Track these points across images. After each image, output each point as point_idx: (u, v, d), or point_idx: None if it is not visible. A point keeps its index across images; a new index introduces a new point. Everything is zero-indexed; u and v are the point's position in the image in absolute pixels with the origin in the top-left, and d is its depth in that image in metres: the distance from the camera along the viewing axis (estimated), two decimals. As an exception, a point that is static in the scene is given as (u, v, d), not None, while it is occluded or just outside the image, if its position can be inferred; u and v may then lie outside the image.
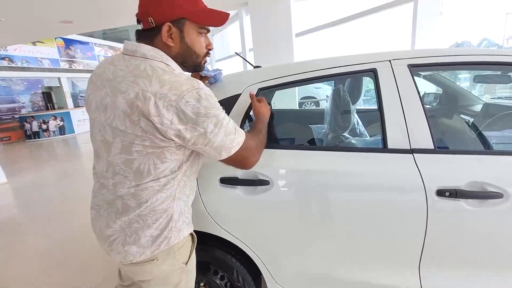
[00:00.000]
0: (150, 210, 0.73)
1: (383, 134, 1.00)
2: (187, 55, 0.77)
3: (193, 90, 0.66)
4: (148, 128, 0.66)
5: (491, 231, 0.94)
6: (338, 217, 1.02)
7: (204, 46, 0.80)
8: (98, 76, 0.74)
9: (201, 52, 0.80)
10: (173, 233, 0.77)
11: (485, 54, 1.03)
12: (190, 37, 0.75)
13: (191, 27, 0.75)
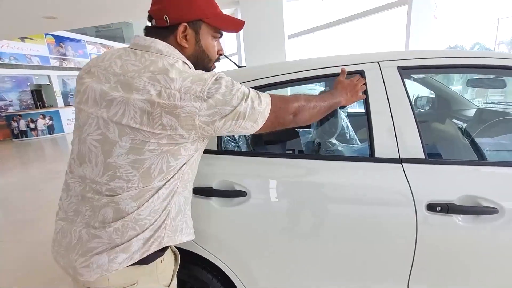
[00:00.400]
0: (150, 211, 0.66)
1: (370, 142, 0.92)
2: (200, 58, 0.75)
3: (214, 77, 0.65)
4: (171, 124, 0.62)
5: (485, 249, 0.87)
6: (321, 232, 0.94)
7: (216, 51, 0.78)
8: (102, 69, 0.67)
9: (213, 57, 0.78)
10: (166, 232, 0.69)
11: (480, 57, 0.96)
12: (205, 40, 0.74)
13: (207, 30, 0.73)
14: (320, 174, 0.93)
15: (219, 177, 0.96)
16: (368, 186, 0.89)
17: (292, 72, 1.01)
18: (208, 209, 0.96)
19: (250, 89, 0.70)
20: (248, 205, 0.93)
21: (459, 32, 15.93)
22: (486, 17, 21.26)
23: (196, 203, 0.96)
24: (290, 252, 0.97)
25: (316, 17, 8.32)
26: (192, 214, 0.97)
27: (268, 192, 0.95)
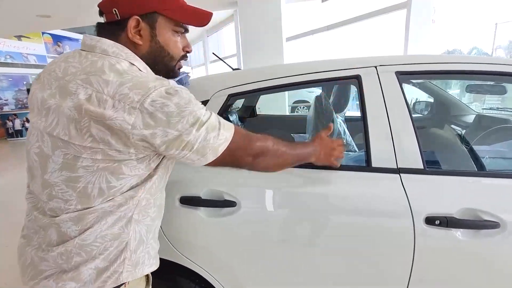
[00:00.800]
0: (96, 237, 0.58)
1: (367, 151, 0.88)
2: (159, 56, 0.65)
3: (162, 88, 0.54)
4: (101, 136, 0.52)
5: (487, 265, 0.82)
6: (314, 244, 0.89)
7: (180, 47, 0.68)
8: (47, 74, 0.60)
9: (176, 54, 0.67)
10: (125, 267, 0.61)
11: (480, 63, 0.92)
12: (164, 35, 0.64)
13: (165, 24, 0.63)
14: (314, 184, 0.88)
15: (208, 185, 0.91)
16: (364, 197, 0.84)
17: (287, 76, 0.97)
18: (196, 219, 0.91)
19: (213, 116, 0.60)
20: (238, 216, 0.89)
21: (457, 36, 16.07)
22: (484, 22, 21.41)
23: (183, 213, 0.92)
24: (282, 265, 0.92)
25: (315, 20, 8.33)
26: (179, 224, 0.93)
27: (259, 202, 0.90)
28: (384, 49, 9.97)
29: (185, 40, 0.69)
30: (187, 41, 0.70)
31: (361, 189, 0.85)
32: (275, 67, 1.04)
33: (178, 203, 0.91)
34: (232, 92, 0.98)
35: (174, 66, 0.69)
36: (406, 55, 0.99)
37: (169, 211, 0.92)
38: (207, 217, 0.90)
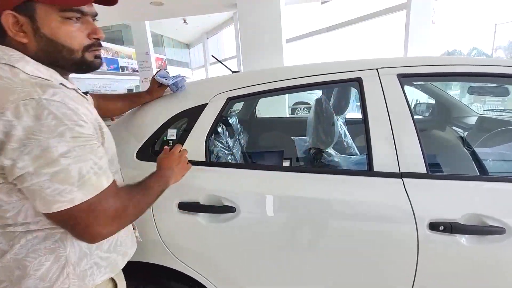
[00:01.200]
0: (27, 251, 0.54)
1: (368, 155, 0.86)
2: (52, 52, 0.55)
3: (25, 101, 0.46)
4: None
5: (492, 272, 0.81)
6: (315, 250, 0.88)
7: (80, 35, 0.57)
8: None
9: (75, 45, 0.56)
10: (71, 281, 0.57)
11: (482, 65, 0.90)
12: (50, 25, 0.53)
13: (47, 12, 0.52)
14: (315, 189, 0.86)
15: (207, 191, 0.89)
16: (366, 202, 0.83)
17: (287, 79, 0.96)
18: (195, 225, 0.89)
19: (84, 163, 0.50)
20: (237, 222, 0.87)
21: (457, 37, 16.02)
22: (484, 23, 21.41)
23: (182, 219, 0.90)
24: (281, 271, 0.91)
25: (314, 21, 8.34)
26: (178, 230, 0.91)
27: (259, 208, 0.88)
28: (384, 51, 9.98)
29: (89, 25, 0.58)
30: (93, 26, 0.59)
31: (362, 194, 0.83)
32: (275, 69, 1.02)
33: (177, 209, 0.90)
34: (231, 95, 0.97)
35: (82, 58, 0.58)
36: (408, 57, 0.97)
37: (167, 216, 0.91)
38: (206, 222, 0.89)
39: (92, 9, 0.59)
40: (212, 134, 0.98)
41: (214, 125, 0.97)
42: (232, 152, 1.40)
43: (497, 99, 2.68)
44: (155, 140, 0.99)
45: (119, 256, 0.67)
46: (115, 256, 0.66)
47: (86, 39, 0.58)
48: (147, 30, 7.40)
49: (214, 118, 0.96)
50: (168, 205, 0.90)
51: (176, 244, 0.92)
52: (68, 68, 0.59)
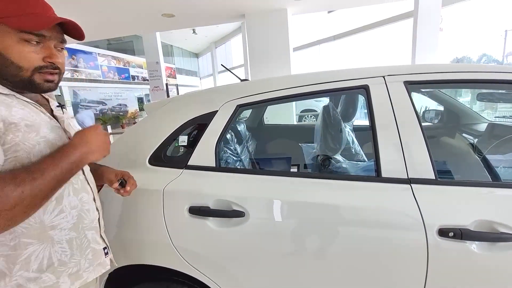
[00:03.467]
0: None
1: (376, 161, 0.87)
2: (0, 64, 0.58)
3: None
4: None
5: (504, 279, 0.79)
6: (324, 255, 0.88)
7: (34, 57, 0.59)
8: None
9: (25, 64, 0.59)
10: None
11: (490, 71, 0.91)
12: (2, 42, 0.57)
13: (4, 30, 0.57)
14: (324, 195, 0.87)
15: (217, 196, 0.92)
16: (374, 208, 0.83)
17: (295, 86, 0.98)
18: (205, 230, 0.91)
19: None
20: (247, 226, 0.89)
21: (466, 44, 15.85)
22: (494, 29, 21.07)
23: (193, 224, 0.92)
24: (289, 276, 0.91)
25: (321, 30, 8.43)
26: (188, 234, 0.93)
27: (268, 213, 0.90)
28: (391, 59, 9.96)
29: (47, 50, 0.61)
30: (51, 51, 0.61)
31: (371, 200, 0.84)
32: (283, 78, 1.05)
33: (187, 213, 0.92)
34: (241, 102, 1.00)
35: (30, 78, 0.60)
36: (415, 65, 0.99)
37: (178, 220, 0.94)
38: (216, 227, 0.91)
39: (57, 35, 0.62)
40: (221, 140, 1.01)
41: (224, 132, 1.00)
42: (241, 159, 1.43)
43: (509, 105, 2.63)
44: (167, 146, 1.03)
45: (62, 278, 0.61)
46: (53, 278, 0.60)
47: (39, 61, 0.60)
48: (158, 41, 7.63)
49: (224, 125, 0.99)
50: (179, 210, 0.92)
51: (187, 248, 0.94)
52: (15, 85, 0.60)
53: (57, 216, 0.62)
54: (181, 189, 0.95)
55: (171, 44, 14.51)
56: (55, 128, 0.65)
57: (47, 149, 0.59)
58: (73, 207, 0.65)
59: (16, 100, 0.59)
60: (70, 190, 0.65)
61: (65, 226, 0.63)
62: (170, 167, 1.00)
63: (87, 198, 0.70)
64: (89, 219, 0.70)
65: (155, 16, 3.51)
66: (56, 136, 0.63)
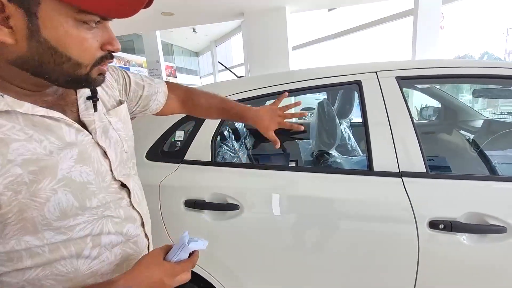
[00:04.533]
0: None
1: (369, 155, 0.89)
2: (48, 62, 0.38)
3: None
4: None
5: (493, 271, 0.80)
6: (317, 247, 0.90)
7: (94, 46, 0.40)
8: None
9: (86, 58, 0.40)
10: None
11: (482, 67, 0.92)
12: (56, 29, 0.36)
13: (57, 10, 0.35)
14: (316, 188, 0.89)
15: (212, 189, 0.93)
16: (366, 201, 0.85)
17: (289, 82, 1.00)
18: (200, 222, 0.93)
19: None
20: (241, 219, 0.90)
21: (467, 41, 15.78)
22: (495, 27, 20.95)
23: (188, 216, 0.94)
24: (283, 268, 0.93)
25: (321, 28, 8.41)
26: (184, 227, 0.95)
27: (261, 206, 0.91)
28: (392, 56, 9.94)
29: (106, 32, 0.41)
30: (110, 34, 0.42)
31: (363, 193, 0.85)
32: (277, 74, 1.07)
33: (183, 207, 0.94)
34: (237, 98, 1.01)
35: (87, 75, 0.41)
36: (407, 60, 1.00)
37: (174, 214, 0.95)
38: (211, 220, 0.92)
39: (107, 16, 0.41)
40: (217, 135, 1.02)
41: (219, 127, 1.01)
42: (238, 155, 1.44)
43: (510, 103, 2.64)
44: (164, 141, 1.04)
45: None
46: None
47: (99, 51, 0.41)
48: (158, 40, 7.66)
49: (219, 120, 1.01)
50: (175, 203, 0.94)
51: (183, 241, 0.95)
52: (60, 84, 0.42)
53: (95, 260, 0.47)
54: (177, 183, 0.97)
55: (171, 43, 14.51)
56: (85, 149, 0.45)
57: (69, 198, 0.42)
58: (115, 244, 0.50)
59: (18, 121, 0.39)
60: (109, 228, 0.48)
61: (106, 271, 0.48)
62: (166, 162, 1.02)
63: (133, 228, 0.52)
64: (136, 253, 0.54)
65: (154, 15, 3.53)
66: (85, 168, 0.44)
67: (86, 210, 0.45)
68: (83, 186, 0.44)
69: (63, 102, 0.46)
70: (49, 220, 0.41)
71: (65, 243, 0.43)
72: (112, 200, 0.49)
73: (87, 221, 0.45)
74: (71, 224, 0.43)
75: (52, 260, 0.43)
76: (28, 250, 0.41)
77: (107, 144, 0.49)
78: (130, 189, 0.52)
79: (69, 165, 0.42)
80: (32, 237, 0.40)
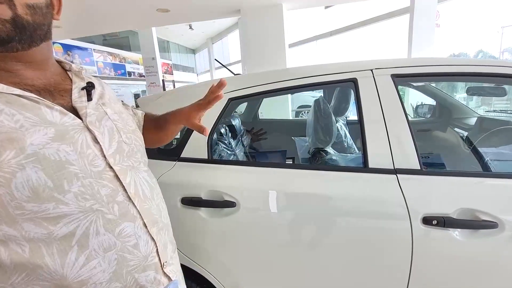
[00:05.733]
0: None
1: (364, 152, 0.90)
2: None
3: None
4: None
5: (485, 266, 0.82)
6: (312, 243, 0.90)
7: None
8: None
9: None
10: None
11: (476, 65, 0.93)
12: None
13: None
14: (312, 185, 0.90)
15: (208, 187, 0.94)
16: (361, 197, 0.86)
17: (285, 80, 1.00)
18: (197, 220, 0.93)
19: None
20: (238, 216, 0.91)
21: (463, 40, 15.95)
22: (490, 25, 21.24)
23: (185, 214, 0.94)
24: (280, 264, 0.94)
25: (318, 26, 8.41)
26: (180, 225, 0.95)
27: (257, 203, 0.92)
28: (388, 54, 9.99)
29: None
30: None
31: (358, 190, 0.86)
32: (274, 71, 1.07)
33: (180, 204, 0.94)
34: (232, 96, 1.02)
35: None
36: (401, 58, 1.01)
37: (171, 211, 0.95)
38: (209, 217, 0.93)
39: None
40: (214, 133, 1.02)
41: (216, 125, 1.01)
42: (235, 153, 1.44)
43: (503, 101, 2.67)
44: (160, 139, 1.04)
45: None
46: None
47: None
48: (154, 36, 7.58)
49: (216, 118, 1.01)
50: (172, 201, 0.94)
51: (180, 239, 0.95)
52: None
53: (84, 267, 0.43)
54: (174, 181, 0.97)
55: (168, 40, 14.40)
56: (67, 130, 0.44)
57: (39, 175, 0.40)
58: (107, 249, 0.45)
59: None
60: (99, 226, 0.44)
61: (100, 279, 0.44)
62: (163, 159, 1.02)
63: (131, 228, 0.48)
64: (138, 258, 0.48)
65: (150, 11, 3.49)
66: (64, 147, 0.42)
67: (67, 195, 0.41)
68: (60, 165, 0.41)
69: (53, 89, 0.47)
70: (18, 200, 0.38)
71: (47, 242, 0.40)
72: (105, 191, 0.45)
73: (72, 214, 0.41)
74: (51, 214, 0.40)
75: (34, 265, 0.40)
76: (6, 245, 0.39)
77: (101, 131, 0.48)
78: (122, 181, 0.47)
79: (42, 141, 0.40)
80: (9, 227, 0.38)
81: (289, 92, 1.02)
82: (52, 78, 0.49)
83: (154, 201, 0.54)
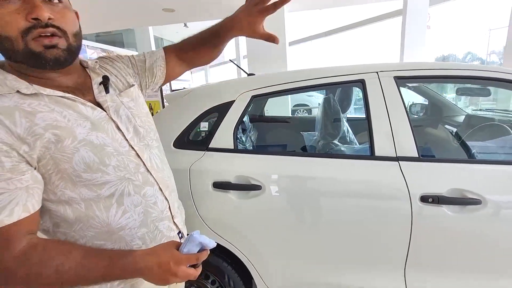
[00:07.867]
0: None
1: (371, 142, 1.05)
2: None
3: None
4: None
5: (471, 236, 0.99)
6: (326, 223, 1.05)
7: (16, 18, 0.45)
8: None
9: (9, 30, 0.46)
10: None
11: (467, 69, 1.09)
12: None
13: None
14: (327, 170, 1.04)
15: (237, 172, 1.07)
16: (369, 181, 1.01)
17: (302, 79, 1.14)
18: (227, 201, 1.07)
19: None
20: (263, 198, 1.05)
21: (452, 42, 16.57)
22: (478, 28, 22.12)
23: (216, 196, 1.08)
24: (299, 239, 1.08)
25: (313, 27, 8.58)
26: (212, 206, 1.09)
27: (280, 186, 1.06)
28: (381, 55, 10.26)
29: (26, 3, 0.46)
30: (31, 3, 0.46)
31: (367, 174, 1.02)
32: (292, 72, 1.21)
33: (212, 188, 1.08)
34: (255, 93, 1.15)
35: (27, 48, 0.47)
36: (404, 62, 1.16)
37: (204, 194, 1.09)
38: (237, 199, 1.07)
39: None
40: (239, 126, 1.16)
41: (241, 119, 1.15)
42: (246, 146, 1.58)
43: (490, 100, 2.89)
44: (189, 131, 1.17)
45: None
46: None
47: (23, 22, 0.45)
48: (150, 34, 7.59)
49: (240, 113, 1.14)
50: (205, 185, 1.08)
51: (211, 218, 1.10)
52: (20, 61, 0.49)
53: (122, 217, 0.58)
54: (205, 168, 1.10)
55: (161, 37, 14.31)
56: (99, 122, 0.56)
57: (89, 155, 0.53)
58: (136, 205, 0.60)
59: (41, 99, 0.51)
60: (130, 189, 0.59)
61: (133, 225, 0.60)
62: (193, 149, 1.15)
63: (152, 191, 0.63)
64: (157, 211, 0.64)
65: (156, 11, 3.57)
66: (101, 134, 0.55)
67: (108, 167, 0.55)
68: (101, 147, 0.55)
69: (81, 87, 0.59)
70: (78, 171, 0.52)
71: (96, 201, 0.55)
72: (132, 165, 0.59)
73: (112, 181, 0.56)
74: (99, 181, 0.54)
75: (88, 217, 0.55)
76: (70, 205, 0.53)
77: (119, 120, 0.60)
78: (141, 157, 0.61)
79: (85, 131, 0.53)
80: (72, 192, 0.53)
81: (305, 90, 1.16)
82: (79, 78, 0.60)
83: (164, 171, 0.69)
